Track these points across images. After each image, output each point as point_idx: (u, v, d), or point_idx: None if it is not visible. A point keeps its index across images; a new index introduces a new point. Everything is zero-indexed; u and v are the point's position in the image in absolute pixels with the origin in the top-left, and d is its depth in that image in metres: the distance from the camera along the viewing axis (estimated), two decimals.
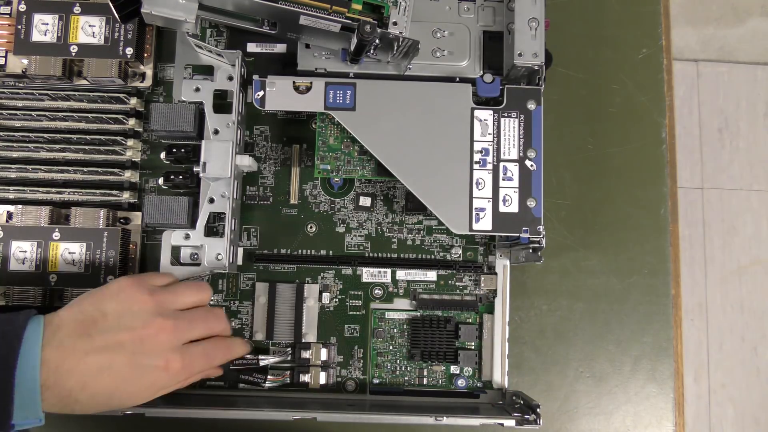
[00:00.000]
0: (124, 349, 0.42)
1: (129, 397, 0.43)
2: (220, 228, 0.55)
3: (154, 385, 0.44)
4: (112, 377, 0.42)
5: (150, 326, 0.43)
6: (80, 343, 0.41)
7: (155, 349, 0.43)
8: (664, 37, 0.62)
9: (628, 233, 0.59)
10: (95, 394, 0.41)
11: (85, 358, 0.41)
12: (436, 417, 0.49)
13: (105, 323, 0.42)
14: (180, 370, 0.44)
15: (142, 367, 0.43)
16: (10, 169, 0.56)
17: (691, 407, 1.39)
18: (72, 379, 0.40)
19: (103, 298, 0.43)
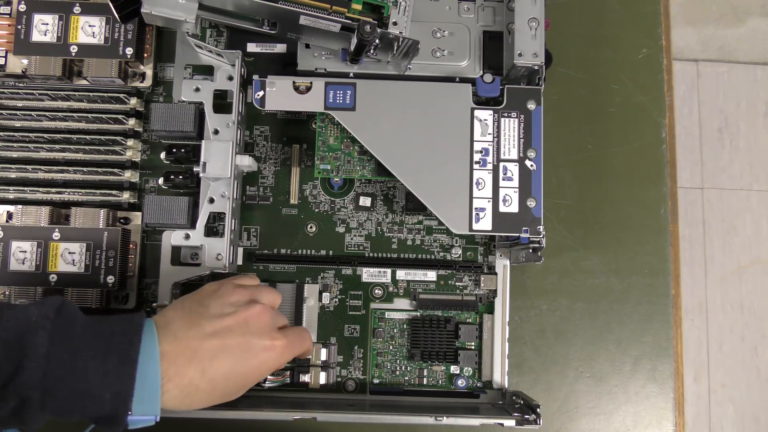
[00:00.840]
0: (233, 331, 0.44)
1: (242, 378, 0.44)
2: (220, 228, 0.55)
3: (264, 364, 0.45)
4: (227, 358, 0.43)
5: (250, 310, 0.45)
6: (192, 333, 0.43)
7: (260, 329, 0.45)
8: (664, 37, 0.62)
9: (628, 233, 0.59)
10: (214, 379, 0.43)
11: (200, 346, 0.42)
12: (436, 417, 0.49)
13: (209, 313, 0.44)
14: (284, 348, 0.46)
15: (252, 347, 0.44)
16: (10, 169, 0.56)
17: (691, 407, 1.39)
18: (191, 367, 0.42)
19: (201, 297, 0.46)
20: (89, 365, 0.38)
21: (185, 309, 0.45)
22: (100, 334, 0.39)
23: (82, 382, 0.38)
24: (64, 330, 0.39)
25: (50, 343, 0.37)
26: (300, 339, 0.48)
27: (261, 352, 0.45)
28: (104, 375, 0.38)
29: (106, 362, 0.38)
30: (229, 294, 0.46)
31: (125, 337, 0.40)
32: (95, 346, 0.39)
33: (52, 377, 0.37)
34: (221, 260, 0.51)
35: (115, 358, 0.38)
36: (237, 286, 0.47)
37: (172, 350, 0.41)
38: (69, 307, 0.40)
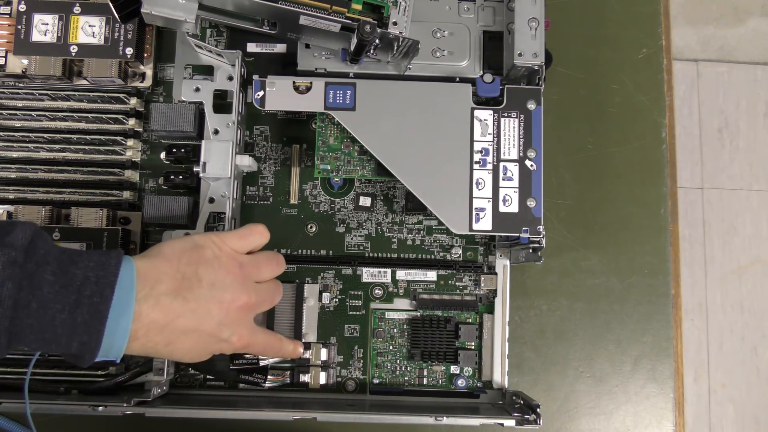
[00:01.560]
0: (212, 317, 0.44)
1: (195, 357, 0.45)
2: (220, 228, 0.55)
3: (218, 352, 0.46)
4: (194, 340, 0.43)
5: (236, 300, 0.45)
6: (176, 303, 0.42)
7: (234, 323, 0.45)
8: (664, 37, 0.62)
9: (628, 233, 0.59)
10: (174, 351, 0.43)
11: (176, 319, 0.42)
12: (436, 417, 0.49)
13: (200, 289, 0.43)
14: (242, 347, 0.47)
15: (218, 337, 0.44)
16: (10, 169, 0.56)
17: (691, 407, 1.39)
18: (160, 335, 0.41)
19: (200, 262, 0.44)
20: (57, 318, 0.37)
21: (179, 271, 0.43)
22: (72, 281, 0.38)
23: (50, 332, 0.37)
24: (34, 276, 0.37)
25: (18, 291, 0.36)
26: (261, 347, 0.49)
27: (223, 343, 0.45)
28: (73, 327, 0.37)
29: (75, 315, 0.37)
30: (225, 270, 0.45)
31: (97, 288, 0.38)
32: (65, 296, 0.37)
33: (19, 324, 0.37)
34: None
35: (86, 311, 0.38)
36: (235, 264, 0.46)
37: (148, 314, 0.40)
38: (40, 245, 0.38)
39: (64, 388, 0.52)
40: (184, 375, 0.55)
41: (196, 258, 0.44)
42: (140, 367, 0.52)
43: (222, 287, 0.44)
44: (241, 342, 0.46)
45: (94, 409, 0.47)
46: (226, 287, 0.44)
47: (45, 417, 0.53)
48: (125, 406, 0.47)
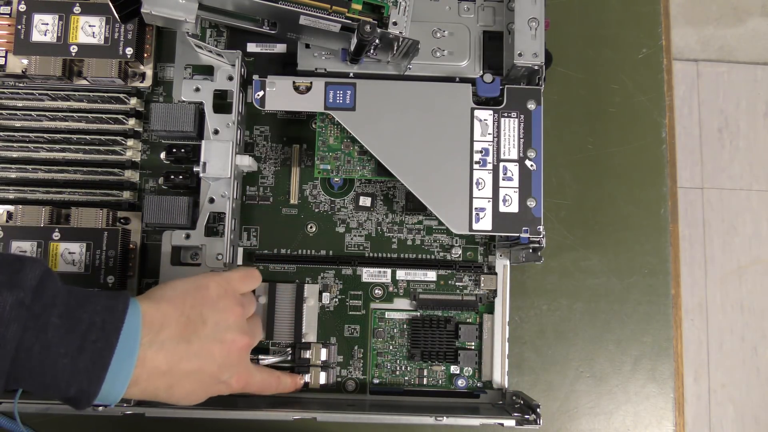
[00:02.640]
0: (214, 359, 0.44)
1: (195, 400, 0.45)
2: (220, 228, 0.55)
3: (216, 393, 0.46)
4: (196, 383, 0.43)
5: (237, 342, 0.45)
6: (180, 347, 0.42)
7: (234, 363, 0.45)
8: (664, 37, 0.62)
9: (628, 233, 0.59)
10: (174, 394, 0.43)
11: (179, 363, 0.42)
12: (436, 417, 0.49)
13: (204, 331, 0.43)
14: (239, 389, 0.47)
15: (218, 379, 0.45)
16: (10, 169, 0.56)
17: (691, 407, 1.39)
18: (162, 379, 0.41)
19: (204, 303, 0.44)
20: (59, 362, 0.37)
21: (184, 314, 0.43)
22: (77, 325, 0.37)
23: (50, 376, 0.37)
24: (40, 317, 0.37)
25: (22, 333, 0.36)
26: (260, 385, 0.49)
27: (223, 384, 0.45)
28: (74, 374, 0.37)
29: (78, 360, 0.37)
30: (227, 312, 0.45)
31: (103, 334, 0.38)
32: (69, 342, 0.37)
33: (20, 366, 0.36)
34: (221, 260, 0.51)
35: (89, 358, 0.37)
36: (236, 303, 0.46)
37: (152, 360, 0.40)
38: (49, 285, 0.38)
39: None
40: None
41: (200, 299, 0.44)
42: None
43: (225, 327, 0.44)
44: (240, 383, 0.47)
45: (94, 409, 0.47)
46: (228, 327, 0.45)
47: (45, 417, 0.53)
48: (125, 406, 0.47)
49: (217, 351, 0.44)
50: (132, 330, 0.39)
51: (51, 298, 0.38)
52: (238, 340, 0.45)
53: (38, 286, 0.37)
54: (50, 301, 0.37)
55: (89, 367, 0.37)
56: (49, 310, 0.37)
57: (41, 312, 0.37)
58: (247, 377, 0.47)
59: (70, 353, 0.37)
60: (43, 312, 0.37)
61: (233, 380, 0.46)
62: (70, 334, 0.37)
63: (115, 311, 0.39)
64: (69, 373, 0.37)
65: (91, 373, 0.37)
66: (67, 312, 0.38)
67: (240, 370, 0.46)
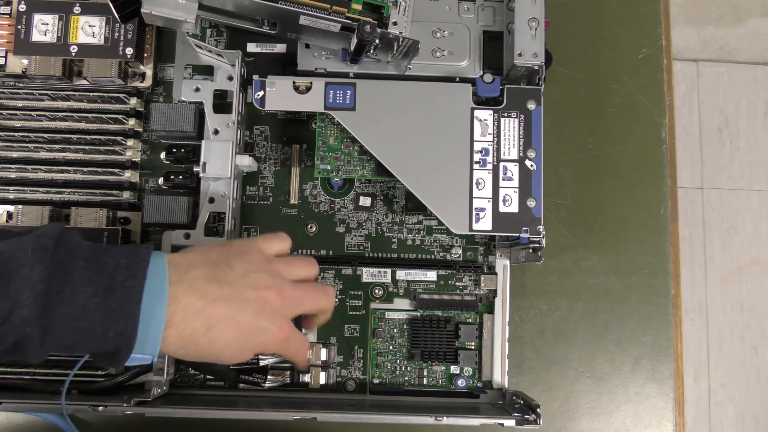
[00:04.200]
0: (249, 305, 0.42)
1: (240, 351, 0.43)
2: (220, 228, 0.55)
3: (260, 347, 0.44)
4: (233, 328, 0.42)
5: (271, 290, 0.43)
6: (211, 287, 0.41)
7: (274, 312, 0.43)
8: (664, 37, 0.62)
9: (628, 233, 0.59)
10: (214, 340, 0.41)
11: (214, 303, 0.41)
12: (436, 417, 0.49)
13: (232, 275, 0.42)
14: (283, 340, 0.45)
15: (258, 326, 0.43)
16: (10, 169, 0.56)
17: (691, 407, 1.39)
18: (199, 319, 0.40)
19: (229, 254, 0.44)
20: (90, 303, 0.36)
21: (210, 260, 0.43)
22: (103, 268, 0.37)
23: (85, 320, 0.36)
24: (65, 263, 0.37)
25: (49, 278, 0.36)
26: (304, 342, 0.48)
27: (264, 334, 0.43)
28: (108, 313, 0.36)
29: (109, 299, 0.36)
30: (255, 262, 0.44)
31: (130, 273, 0.38)
32: (97, 281, 0.37)
33: (53, 313, 0.36)
34: None
35: (119, 296, 0.37)
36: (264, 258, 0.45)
37: (184, 297, 0.40)
38: (70, 235, 0.38)
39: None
40: (184, 375, 0.55)
41: (225, 251, 0.44)
42: (140, 367, 0.52)
43: (255, 277, 0.43)
44: (283, 332, 0.44)
45: (94, 409, 0.47)
46: (258, 276, 0.43)
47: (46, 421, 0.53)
48: (125, 406, 0.47)
49: (251, 296, 0.42)
50: (159, 270, 0.39)
51: (74, 245, 0.38)
52: (271, 288, 0.43)
53: (60, 236, 0.37)
54: (73, 248, 0.38)
55: (122, 305, 0.37)
56: (73, 254, 0.37)
57: (65, 257, 0.37)
58: (290, 330, 0.45)
59: (100, 292, 0.36)
60: (67, 257, 0.37)
61: (275, 328, 0.43)
62: (97, 275, 0.37)
63: (139, 254, 0.39)
64: (102, 312, 0.36)
65: (125, 311, 0.37)
66: (91, 257, 0.38)
67: (281, 320, 0.44)
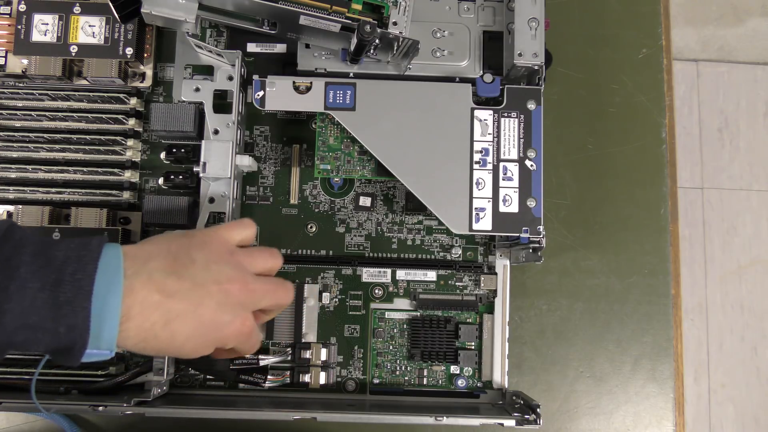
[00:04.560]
0: (211, 298, 0.41)
1: (201, 345, 0.42)
2: None
3: (221, 340, 0.43)
4: (194, 322, 0.41)
5: (234, 282, 0.42)
6: (171, 280, 0.40)
7: (236, 306, 0.42)
8: (664, 37, 0.62)
9: (628, 233, 0.59)
10: (174, 334, 0.40)
11: (173, 296, 0.40)
12: (436, 417, 0.49)
13: (194, 268, 0.41)
14: (246, 333, 0.44)
15: (220, 321, 0.42)
16: (10, 169, 0.55)
17: (691, 407, 1.39)
18: (157, 312, 0.39)
19: (190, 246, 0.42)
20: (38, 297, 0.35)
21: (170, 252, 0.41)
22: (52, 261, 0.36)
23: (33, 315, 0.35)
24: (11, 258, 0.35)
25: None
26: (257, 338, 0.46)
27: (226, 327, 0.42)
28: (57, 307, 0.35)
29: (58, 293, 0.35)
30: (217, 254, 0.43)
31: (79, 265, 0.36)
32: (45, 275, 0.35)
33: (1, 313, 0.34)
34: None
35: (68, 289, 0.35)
36: (226, 250, 0.44)
37: (142, 290, 0.38)
38: (16, 231, 0.37)
39: (64, 388, 0.52)
40: (184, 375, 0.55)
41: (186, 243, 0.43)
42: (140, 367, 0.52)
43: (217, 269, 0.42)
44: (246, 326, 0.43)
45: (94, 409, 0.47)
46: (221, 269, 0.42)
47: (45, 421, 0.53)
48: (125, 406, 0.47)
49: (213, 290, 0.41)
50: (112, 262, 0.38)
51: (20, 240, 0.36)
52: (234, 280, 0.42)
53: (6, 232, 0.36)
54: (19, 243, 0.36)
55: (71, 299, 0.35)
56: (20, 250, 0.36)
57: (11, 253, 0.35)
58: (252, 324, 0.44)
59: (47, 287, 0.35)
60: (13, 253, 0.35)
61: (237, 322, 0.43)
62: (44, 269, 0.35)
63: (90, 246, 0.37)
64: (51, 307, 0.35)
65: (74, 305, 0.35)
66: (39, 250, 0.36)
67: (243, 314, 0.43)
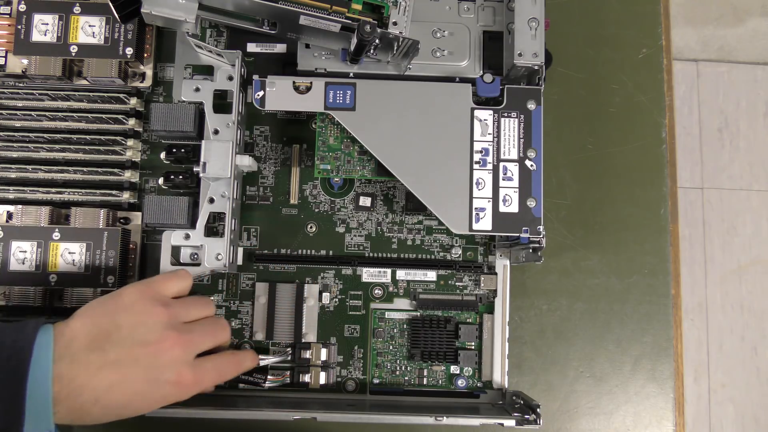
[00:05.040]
0: (139, 363, 0.42)
1: (140, 408, 0.43)
2: (220, 228, 0.55)
3: (166, 399, 0.44)
4: (125, 391, 0.42)
5: (164, 340, 0.43)
6: (94, 357, 0.40)
7: (169, 363, 0.43)
8: (664, 37, 0.62)
9: (628, 233, 0.59)
10: (107, 408, 0.41)
11: (98, 373, 0.40)
12: (436, 417, 0.49)
13: (119, 336, 0.42)
14: (191, 384, 0.44)
15: (155, 382, 0.42)
16: (10, 169, 0.56)
17: (691, 407, 1.39)
18: (85, 393, 0.40)
19: (117, 310, 0.43)
20: None
21: (95, 324, 0.42)
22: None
23: None
24: None
25: None
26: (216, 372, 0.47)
27: (164, 387, 0.43)
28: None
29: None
30: (145, 313, 0.43)
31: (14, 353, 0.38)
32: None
33: None
34: (221, 260, 0.51)
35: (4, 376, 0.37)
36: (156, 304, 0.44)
37: (67, 372, 0.39)
38: None
39: None
40: None
41: (112, 308, 0.43)
42: None
43: (144, 331, 0.42)
44: (187, 379, 0.44)
45: None
46: (149, 329, 0.43)
47: None
48: None
49: (141, 353, 0.42)
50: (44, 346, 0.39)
51: None
52: (165, 339, 0.43)
53: None
54: None
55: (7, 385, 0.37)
56: None
57: None
58: (194, 373, 0.44)
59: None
60: None
61: (180, 378, 0.43)
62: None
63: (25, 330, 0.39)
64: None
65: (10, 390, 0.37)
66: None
67: (181, 368, 0.43)
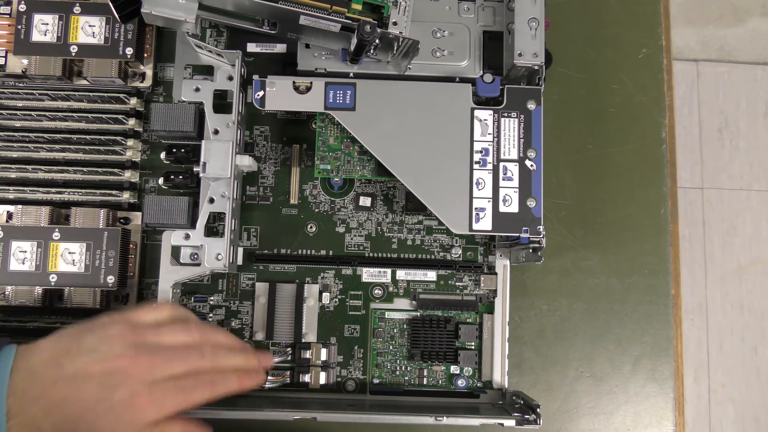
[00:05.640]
0: (92, 380, 0.41)
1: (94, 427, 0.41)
2: (220, 228, 0.55)
3: (120, 420, 0.41)
4: (75, 407, 0.40)
5: (122, 359, 0.41)
6: (50, 371, 0.40)
7: (122, 382, 0.41)
8: (664, 37, 0.62)
9: (628, 233, 0.59)
10: (58, 424, 0.40)
11: (51, 386, 0.40)
12: (436, 417, 0.49)
13: (78, 353, 0.41)
14: (146, 406, 0.41)
15: (106, 401, 0.40)
16: (10, 169, 0.56)
17: (691, 407, 1.39)
18: (36, 406, 0.40)
19: (84, 331, 0.43)
20: None
21: (60, 340, 0.42)
22: None
23: None
24: None
25: None
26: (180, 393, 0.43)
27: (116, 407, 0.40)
28: None
29: None
30: (110, 334, 0.42)
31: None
32: None
33: None
34: (221, 260, 0.51)
35: None
36: (126, 327, 0.43)
37: (22, 386, 0.39)
38: None
39: None
40: None
41: (80, 329, 0.43)
42: None
43: (105, 348, 0.41)
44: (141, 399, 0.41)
45: None
46: (110, 347, 0.42)
47: None
48: None
49: (96, 370, 0.40)
50: (3, 359, 0.40)
51: None
52: (123, 357, 0.41)
53: None
54: None
55: None
56: None
57: None
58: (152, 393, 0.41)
59: None
60: None
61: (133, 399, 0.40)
62: None
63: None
64: None
65: None
66: None
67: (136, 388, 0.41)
